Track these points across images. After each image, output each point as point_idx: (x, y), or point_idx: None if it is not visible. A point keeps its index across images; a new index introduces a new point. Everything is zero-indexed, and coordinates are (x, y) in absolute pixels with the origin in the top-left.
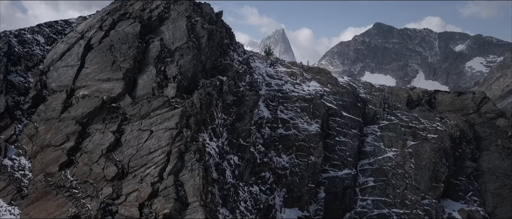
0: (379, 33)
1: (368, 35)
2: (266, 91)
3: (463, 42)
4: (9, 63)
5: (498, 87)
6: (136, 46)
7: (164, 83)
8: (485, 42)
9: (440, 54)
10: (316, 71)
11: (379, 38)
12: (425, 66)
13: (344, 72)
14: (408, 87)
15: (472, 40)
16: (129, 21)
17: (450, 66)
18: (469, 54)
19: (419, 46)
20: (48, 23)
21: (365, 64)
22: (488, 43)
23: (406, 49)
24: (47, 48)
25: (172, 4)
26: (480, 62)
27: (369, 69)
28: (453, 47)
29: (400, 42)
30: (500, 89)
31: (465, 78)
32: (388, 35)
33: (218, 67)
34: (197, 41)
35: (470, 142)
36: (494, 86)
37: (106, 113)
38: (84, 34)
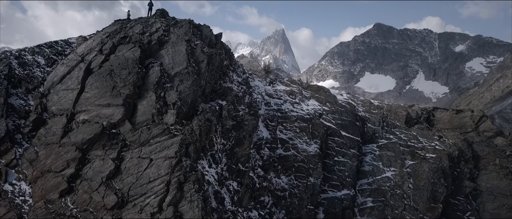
0: (379, 33)
1: (368, 35)
2: (265, 111)
3: (463, 42)
4: (10, 86)
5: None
6: (136, 71)
7: (164, 109)
8: (485, 43)
9: (440, 54)
10: (315, 89)
11: (379, 38)
12: (425, 66)
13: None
14: (407, 105)
15: (472, 40)
16: (129, 46)
17: (450, 66)
18: (469, 54)
19: (419, 47)
20: (48, 44)
21: (365, 64)
22: (488, 44)
23: (406, 49)
24: (47, 69)
25: (172, 27)
26: (480, 63)
27: (369, 70)
28: (453, 48)
29: (400, 42)
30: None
31: (465, 79)
32: (388, 35)
33: (218, 91)
34: (196, 66)
35: (468, 161)
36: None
37: (106, 139)
38: (84, 57)
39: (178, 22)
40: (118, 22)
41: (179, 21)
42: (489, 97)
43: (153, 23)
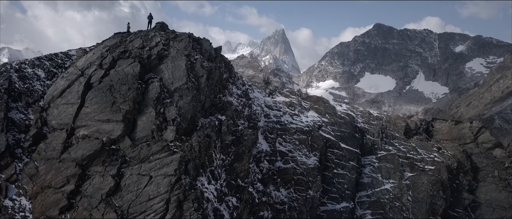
0: (379, 34)
1: (368, 35)
2: (265, 123)
3: (463, 43)
4: (10, 100)
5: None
6: (135, 87)
7: (163, 125)
8: (485, 43)
9: (440, 55)
10: (314, 100)
11: (379, 39)
12: (425, 67)
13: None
14: (406, 116)
15: (472, 41)
16: (128, 61)
17: (450, 67)
18: (469, 55)
19: (419, 47)
20: (48, 56)
21: (365, 65)
22: (488, 44)
23: (406, 50)
24: (48, 83)
25: (172, 41)
26: (480, 63)
27: (369, 70)
28: (453, 48)
29: (400, 43)
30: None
31: (465, 79)
32: (388, 36)
33: (217, 105)
34: (196, 81)
35: (467, 173)
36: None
37: (106, 155)
38: (84, 71)
39: (177, 35)
40: (118, 35)
41: (178, 35)
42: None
43: (153, 37)
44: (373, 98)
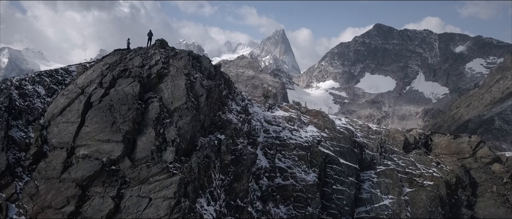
0: (379, 34)
1: (368, 36)
2: (264, 139)
3: (463, 43)
4: (10, 118)
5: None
6: (135, 108)
7: (163, 146)
8: (485, 44)
9: (440, 55)
10: (314, 114)
11: (379, 39)
12: (425, 67)
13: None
14: (404, 129)
15: (472, 41)
16: (128, 80)
17: (450, 67)
18: (469, 55)
19: (419, 47)
20: (48, 73)
21: (365, 65)
22: (488, 45)
23: (406, 50)
24: (48, 100)
25: (171, 59)
26: (480, 64)
27: (369, 71)
28: (453, 48)
29: (400, 43)
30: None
31: (465, 80)
32: (388, 36)
33: (217, 123)
34: (195, 100)
35: (466, 188)
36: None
37: (105, 175)
38: (84, 89)
39: (177, 53)
40: (118, 52)
41: (178, 52)
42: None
43: (153, 55)
44: (373, 98)
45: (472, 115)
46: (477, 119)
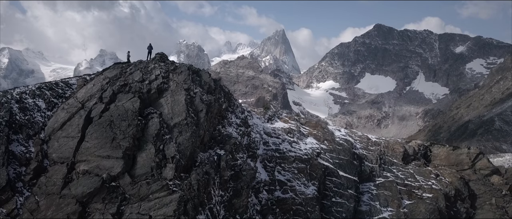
0: (379, 34)
1: (368, 36)
2: (264, 151)
3: (463, 43)
4: (11, 132)
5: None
6: (135, 124)
7: (163, 163)
8: (486, 44)
9: (440, 55)
10: (313, 125)
11: (379, 39)
12: (425, 67)
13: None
14: (403, 140)
15: (472, 41)
16: (128, 96)
17: (450, 67)
18: (469, 55)
19: (419, 48)
20: (48, 86)
21: (365, 65)
22: (488, 45)
23: (406, 50)
24: (48, 114)
25: (171, 73)
26: (480, 64)
27: (369, 71)
28: (453, 49)
29: (400, 43)
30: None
31: (465, 80)
32: (388, 36)
33: (216, 138)
34: (195, 116)
35: (464, 201)
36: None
37: (106, 192)
38: (85, 104)
39: (177, 67)
40: (118, 66)
41: (178, 67)
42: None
43: (153, 69)
44: (373, 99)
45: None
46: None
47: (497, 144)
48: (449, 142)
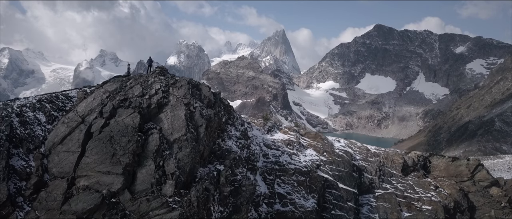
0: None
1: (368, 36)
2: (264, 164)
3: (464, 44)
4: (11, 146)
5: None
6: (135, 140)
7: (163, 179)
8: (486, 44)
9: (440, 56)
10: (313, 136)
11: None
12: (425, 68)
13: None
14: (404, 152)
15: (472, 42)
16: (128, 111)
17: (451, 68)
18: (470, 56)
19: (419, 48)
20: (49, 99)
21: (366, 65)
22: (488, 45)
23: (407, 51)
24: (48, 127)
25: (171, 87)
26: (480, 64)
27: (369, 71)
28: (453, 49)
29: (401, 44)
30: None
31: (465, 80)
32: (389, 36)
33: (216, 152)
34: (195, 131)
35: (464, 213)
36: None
37: (106, 208)
38: (85, 118)
39: (177, 81)
40: (118, 80)
41: (178, 80)
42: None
43: (153, 84)
44: (374, 99)
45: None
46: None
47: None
48: (449, 142)
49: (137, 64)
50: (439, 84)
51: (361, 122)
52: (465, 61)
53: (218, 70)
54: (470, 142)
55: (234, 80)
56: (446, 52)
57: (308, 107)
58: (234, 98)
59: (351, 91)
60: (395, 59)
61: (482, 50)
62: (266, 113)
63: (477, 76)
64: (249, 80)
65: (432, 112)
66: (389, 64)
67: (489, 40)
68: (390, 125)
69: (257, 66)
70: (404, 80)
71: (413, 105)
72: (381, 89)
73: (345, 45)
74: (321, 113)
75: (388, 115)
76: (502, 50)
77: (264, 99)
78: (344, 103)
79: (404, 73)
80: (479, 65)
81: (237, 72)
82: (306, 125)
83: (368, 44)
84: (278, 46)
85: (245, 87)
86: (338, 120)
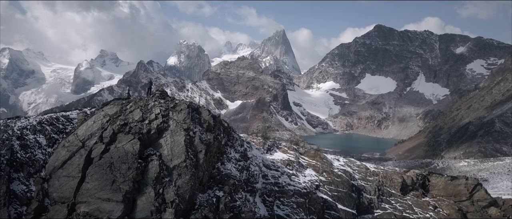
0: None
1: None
2: (263, 185)
3: (464, 44)
4: (12, 170)
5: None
6: (135, 167)
7: (162, 207)
8: (486, 45)
9: (440, 56)
10: (312, 155)
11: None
12: (425, 68)
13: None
14: (403, 170)
15: (472, 42)
16: (128, 137)
17: (451, 68)
18: (470, 56)
19: (419, 48)
20: (49, 121)
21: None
22: (488, 46)
23: (407, 51)
24: (49, 151)
25: (171, 111)
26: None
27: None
28: (453, 50)
29: (401, 44)
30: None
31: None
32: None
33: (215, 177)
34: (194, 157)
35: None
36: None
37: None
38: (85, 143)
39: (177, 104)
40: (118, 103)
41: (177, 104)
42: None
43: (153, 108)
44: (374, 99)
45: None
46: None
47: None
48: (450, 143)
49: (138, 64)
50: (439, 84)
51: (361, 122)
52: (466, 61)
53: (218, 70)
54: (470, 143)
55: (234, 81)
56: (447, 52)
57: (308, 107)
58: (234, 99)
59: (351, 92)
60: (395, 60)
61: (482, 50)
62: (265, 131)
63: (477, 76)
64: (250, 80)
65: (432, 113)
66: (389, 64)
67: (489, 41)
68: (390, 126)
69: (258, 67)
70: (404, 81)
71: (413, 106)
72: (381, 89)
73: (345, 46)
74: (321, 114)
75: (388, 116)
76: (503, 51)
77: (264, 100)
78: (344, 104)
79: (404, 73)
80: (479, 65)
81: (237, 72)
82: (306, 126)
83: (368, 44)
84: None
85: (245, 87)
86: (338, 121)
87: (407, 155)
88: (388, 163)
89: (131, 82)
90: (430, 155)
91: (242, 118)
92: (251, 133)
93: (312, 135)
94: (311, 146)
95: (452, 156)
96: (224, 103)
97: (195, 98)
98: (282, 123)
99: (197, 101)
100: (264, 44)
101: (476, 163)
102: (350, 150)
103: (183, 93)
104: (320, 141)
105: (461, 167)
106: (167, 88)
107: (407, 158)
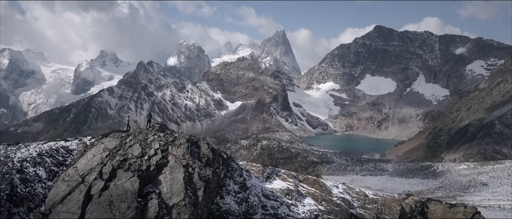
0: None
1: (368, 37)
2: (262, 216)
3: (464, 45)
4: (12, 205)
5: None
6: (135, 206)
7: None
8: (486, 45)
9: (440, 57)
10: (311, 182)
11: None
12: (425, 69)
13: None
14: (402, 196)
15: (472, 43)
16: (128, 174)
17: (451, 69)
18: (470, 57)
19: (419, 49)
20: (49, 153)
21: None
22: (488, 46)
23: (407, 52)
24: (49, 184)
25: (170, 146)
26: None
27: (369, 72)
28: (453, 50)
29: (401, 44)
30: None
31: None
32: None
33: (214, 213)
34: (193, 195)
35: None
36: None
37: None
38: (85, 178)
39: (176, 138)
40: (117, 136)
41: (177, 138)
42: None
43: (152, 142)
44: (374, 100)
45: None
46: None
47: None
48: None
49: (138, 65)
50: (439, 85)
51: (361, 123)
52: (465, 62)
53: (218, 71)
54: (470, 145)
55: (234, 82)
56: (446, 53)
57: (308, 108)
58: (234, 100)
59: (351, 93)
60: (395, 60)
61: (482, 51)
62: (264, 158)
63: (477, 77)
64: (249, 81)
65: (432, 113)
66: (389, 65)
67: (489, 41)
68: (390, 126)
69: (257, 68)
70: (404, 82)
71: (413, 107)
72: (381, 90)
73: (345, 46)
74: (321, 114)
75: (388, 116)
76: (502, 52)
77: (264, 101)
78: (344, 105)
79: (404, 74)
80: (479, 66)
81: (237, 73)
82: (306, 126)
83: (368, 45)
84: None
85: (245, 88)
86: (338, 121)
87: (407, 156)
88: (388, 165)
89: (131, 83)
90: (430, 157)
91: (242, 118)
92: (251, 134)
93: (312, 135)
94: (311, 147)
95: (451, 158)
96: (224, 104)
97: (195, 99)
98: (282, 124)
99: (197, 102)
100: (264, 45)
101: (475, 166)
102: (350, 151)
103: (183, 94)
104: (320, 142)
105: (461, 170)
106: (167, 89)
107: (406, 160)
